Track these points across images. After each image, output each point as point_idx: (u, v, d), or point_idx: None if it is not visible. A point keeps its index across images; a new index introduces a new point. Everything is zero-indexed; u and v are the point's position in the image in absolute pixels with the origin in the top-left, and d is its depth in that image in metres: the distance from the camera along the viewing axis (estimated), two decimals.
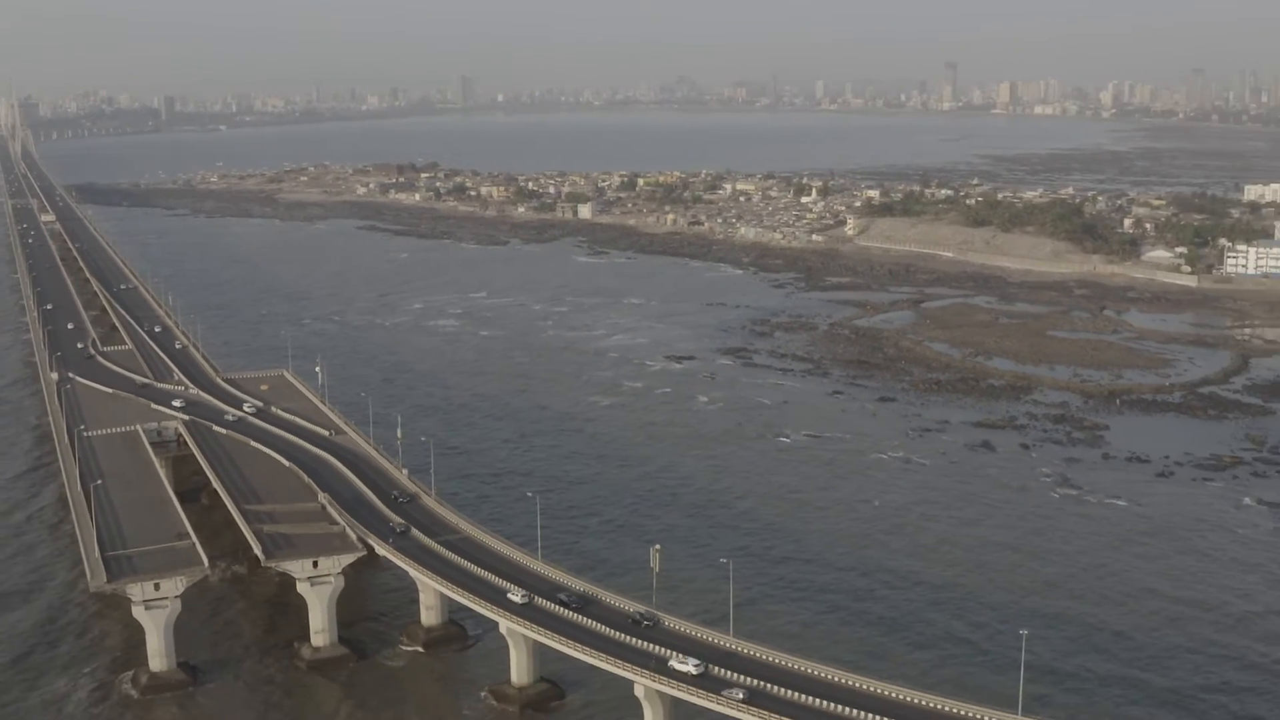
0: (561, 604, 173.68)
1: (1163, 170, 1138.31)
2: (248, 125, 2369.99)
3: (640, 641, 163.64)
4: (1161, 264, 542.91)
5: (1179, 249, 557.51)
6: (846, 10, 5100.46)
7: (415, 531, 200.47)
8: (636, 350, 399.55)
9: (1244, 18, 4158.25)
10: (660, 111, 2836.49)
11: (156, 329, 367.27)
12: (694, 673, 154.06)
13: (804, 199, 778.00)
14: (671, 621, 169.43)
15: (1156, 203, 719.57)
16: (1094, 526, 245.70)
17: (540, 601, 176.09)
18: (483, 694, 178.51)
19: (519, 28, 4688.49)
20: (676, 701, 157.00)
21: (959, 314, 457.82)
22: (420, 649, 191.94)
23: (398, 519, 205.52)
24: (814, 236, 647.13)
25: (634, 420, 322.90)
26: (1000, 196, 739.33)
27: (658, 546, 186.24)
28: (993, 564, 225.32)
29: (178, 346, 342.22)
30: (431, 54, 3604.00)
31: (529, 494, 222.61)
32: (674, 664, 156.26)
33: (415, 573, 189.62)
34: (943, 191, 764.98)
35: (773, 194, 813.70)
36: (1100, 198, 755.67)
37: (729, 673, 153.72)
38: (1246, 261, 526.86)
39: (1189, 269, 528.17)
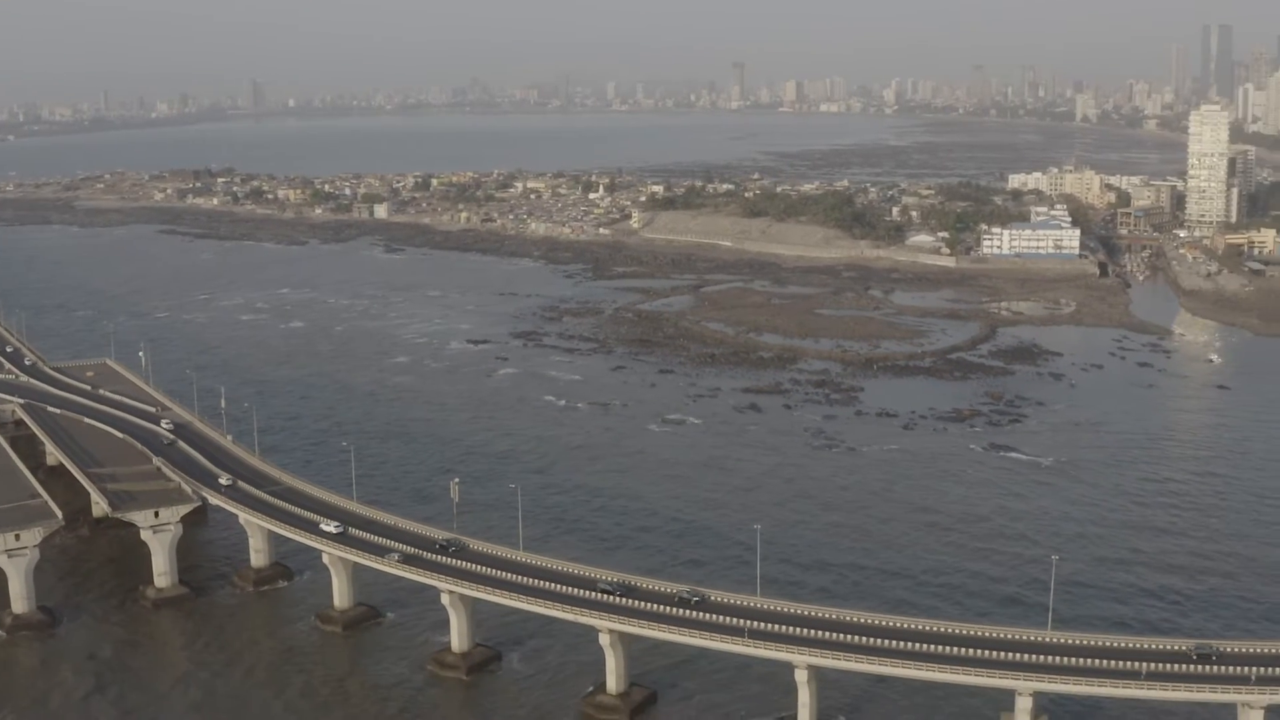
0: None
1: (938, 163, 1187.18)
2: (37, 134, 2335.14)
3: (445, 559, 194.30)
4: (924, 247, 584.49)
5: (941, 234, 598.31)
6: (636, 12, 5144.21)
7: (242, 484, 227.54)
8: (435, 336, 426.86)
9: (1023, 17, 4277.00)
10: (453, 115, 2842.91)
11: None
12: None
13: (592, 195, 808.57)
14: (474, 544, 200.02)
15: (925, 192, 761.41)
16: (841, 464, 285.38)
17: (354, 532, 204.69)
18: (311, 620, 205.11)
19: (308, 34, 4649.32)
20: (478, 603, 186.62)
21: (735, 297, 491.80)
22: (251, 587, 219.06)
23: (226, 474, 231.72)
24: (601, 230, 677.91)
25: (435, 393, 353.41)
26: (778, 189, 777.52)
27: (456, 480, 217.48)
28: (747, 492, 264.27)
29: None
30: (221, 60, 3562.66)
31: (344, 444, 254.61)
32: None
33: (244, 515, 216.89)
34: (724, 186, 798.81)
35: (562, 191, 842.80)
36: (873, 189, 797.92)
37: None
38: (1001, 243, 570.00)
39: (948, 251, 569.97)
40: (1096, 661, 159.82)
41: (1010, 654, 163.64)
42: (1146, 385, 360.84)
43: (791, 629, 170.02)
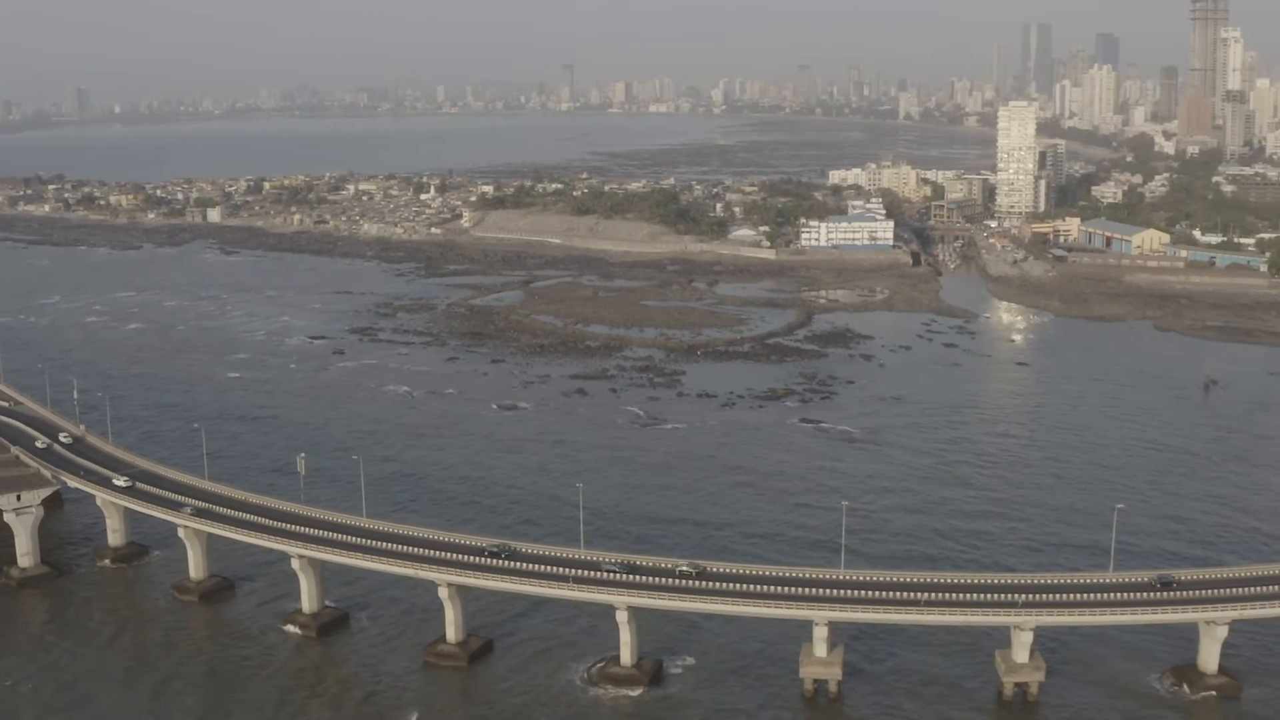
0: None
1: (763, 161, 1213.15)
2: None
3: (292, 526, 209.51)
4: (745, 241, 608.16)
5: (762, 228, 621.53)
6: (465, 14, 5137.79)
7: (100, 468, 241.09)
8: (274, 334, 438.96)
9: (849, 18, 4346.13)
10: (282, 118, 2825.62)
11: None
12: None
13: (423, 196, 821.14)
14: (314, 512, 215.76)
15: (749, 189, 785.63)
16: (664, 438, 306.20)
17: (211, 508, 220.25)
18: (168, 592, 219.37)
19: (133, 39, 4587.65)
20: (325, 566, 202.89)
21: (564, 291, 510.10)
22: (110, 564, 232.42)
23: (85, 461, 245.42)
24: (433, 230, 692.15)
25: (277, 385, 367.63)
26: (606, 188, 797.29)
27: (303, 455, 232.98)
28: (576, 461, 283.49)
29: None
30: (43, 65, 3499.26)
31: (194, 425, 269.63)
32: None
33: (101, 496, 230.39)
34: (553, 186, 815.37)
35: (394, 192, 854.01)
36: (698, 186, 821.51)
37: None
38: (819, 236, 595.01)
39: (769, 244, 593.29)
40: (884, 593, 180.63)
41: (809, 589, 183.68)
42: (951, 364, 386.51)
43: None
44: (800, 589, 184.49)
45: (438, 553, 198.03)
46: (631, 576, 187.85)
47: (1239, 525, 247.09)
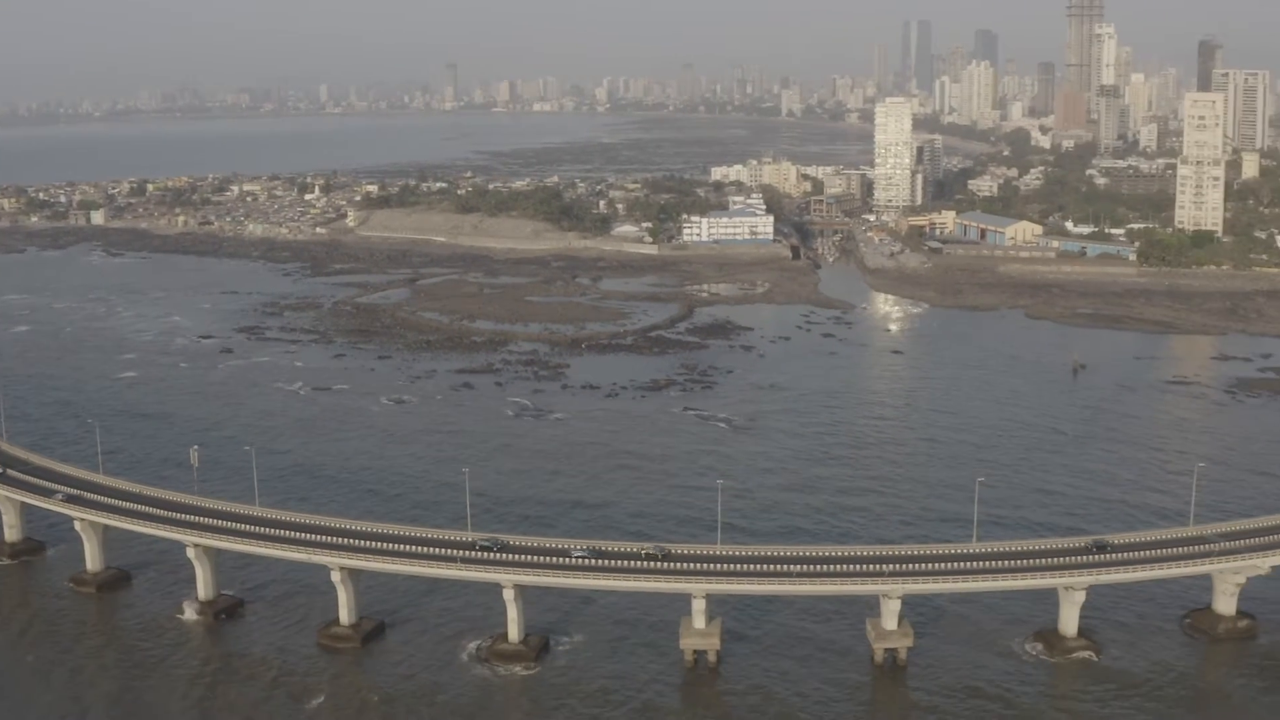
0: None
1: (647, 158, 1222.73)
2: None
3: (187, 516, 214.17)
4: (628, 237, 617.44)
5: (645, 224, 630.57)
6: (347, 14, 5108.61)
7: None
8: (162, 334, 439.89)
9: (732, 17, 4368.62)
10: (164, 120, 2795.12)
11: None
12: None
13: (308, 196, 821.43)
14: (208, 502, 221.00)
15: (632, 186, 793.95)
16: (548, 427, 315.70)
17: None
18: (65, 584, 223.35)
19: (6, 41, 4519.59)
20: (220, 554, 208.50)
21: (450, 288, 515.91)
22: (9, 560, 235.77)
23: None
24: (318, 229, 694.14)
25: (168, 383, 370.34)
26: (490, 186, 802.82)
27: (196, 447, 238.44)
28: (463, 449, 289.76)
29: None
30: None
31: (89, 421, 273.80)
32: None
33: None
34: (437, 184, 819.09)
35: (278, 193, 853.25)
36: (582, 184, 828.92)
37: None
38: (701, 231, 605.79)
39: (651, 240, 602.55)
40: (758, 566, 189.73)
41: (687, 564, 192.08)
42: (829, 353, 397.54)
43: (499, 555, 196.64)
44: (680, 564, 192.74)
45: (329, 538, 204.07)
46: (514, 556, 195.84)
47: (1104, 497, 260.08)
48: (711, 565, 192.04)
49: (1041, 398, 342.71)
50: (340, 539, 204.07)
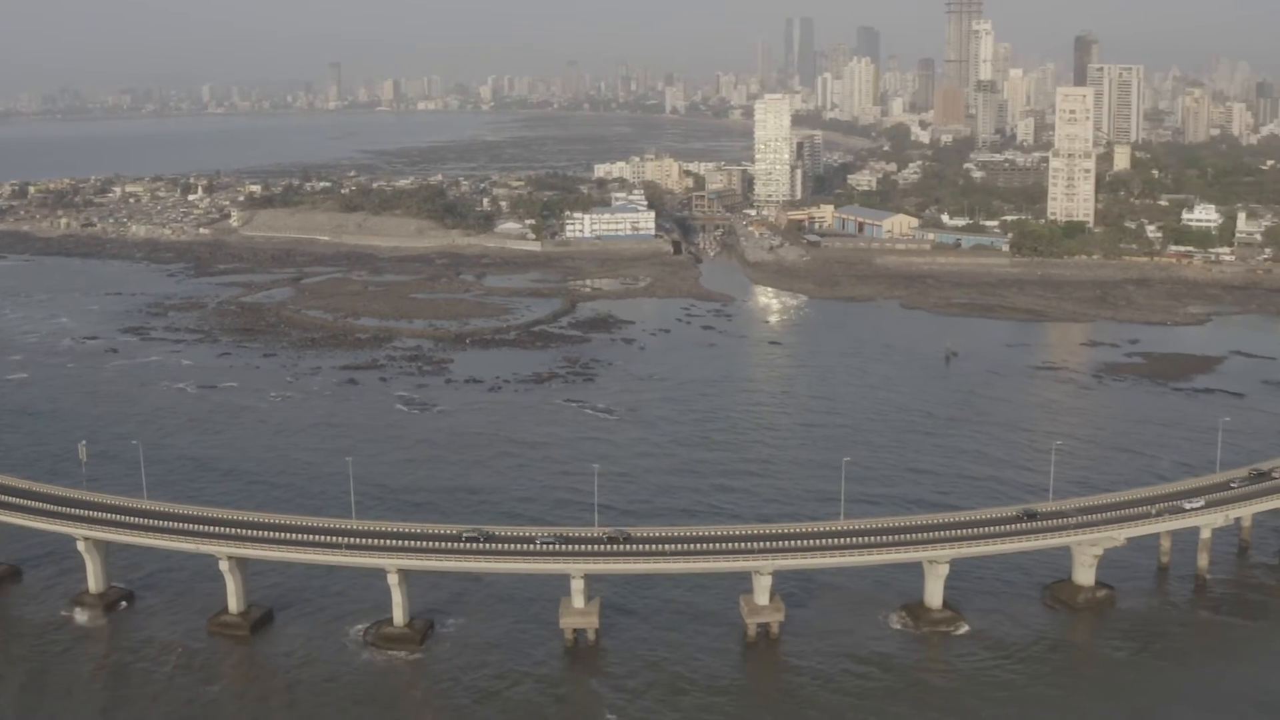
0: None
1: (531, 156, 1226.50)
2: None
3: (76, 510, 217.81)
4: (511, 234, 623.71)
5: (529, 221, 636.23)
6: (229, 14, 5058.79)
7: None
8: (47, 336, 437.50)
9: (616, 14, 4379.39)
10: (44, 122, 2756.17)
11: None
12: None
13: (191, 197, 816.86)
14: (96, 496, 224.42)
15: (516, 183, 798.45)
16: (432, 419, 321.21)
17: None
18: None
19: None
20: (110, 547, 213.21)
21: (334, 286, 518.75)
22: None
23: None
24: (202, 230, 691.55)
25: (54, 384, 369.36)
26: (374, 185, 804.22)
27: (84, 442, 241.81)
28: (347, 441, 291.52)
29: None
30: None
31: None
32: None
33: None
34: (321, 184, 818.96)
35: (161, 194, 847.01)
36: (465, 182, 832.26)
37: None
38: (583, 227, 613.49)
39: (534, 237, 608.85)
40: (635, 545, 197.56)
41: (567, 546, 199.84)
42: (708, 345, 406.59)
43: (383, 541, 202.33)
44: (560, 546, 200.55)
45: (216, 528, 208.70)
46: (396, 542, 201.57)
47: (973, 475, 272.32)
48: (590, 546, 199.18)
49: (915, 384, 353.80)
50: (227, 529, 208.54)
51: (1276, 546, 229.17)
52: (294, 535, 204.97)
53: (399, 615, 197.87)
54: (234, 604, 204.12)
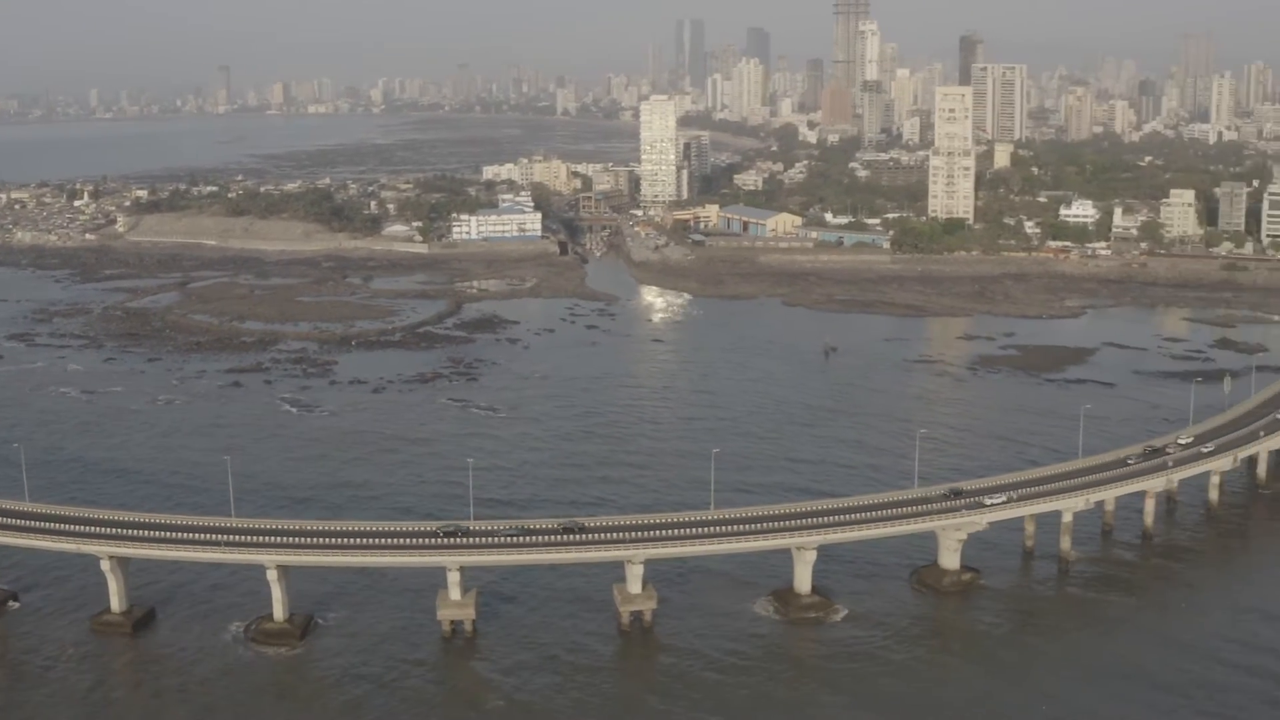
0: None
1: (421, 159, 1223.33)
2: None
3: None
4: (399, 236, 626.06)
5: (416, 223, 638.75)
6: (117, 15, 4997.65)
7: None
8: None
9: (508, 17, 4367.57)
10: None
11: None
12: None
13: (77, 203, 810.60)
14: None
15: (404, 186, 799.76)
16: (314, 421, 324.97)
17: None
18: None
19: None
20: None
21: (220, 290, 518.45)
22: None
23: None
24: (87, 236, 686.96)
25: None
26: (262, 189, 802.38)
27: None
28: (230, 442, 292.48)
29: None
30: None
31: None
32: None
33: None
34: (208, 188, 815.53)
35: (47, 200, 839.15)
36: (353, 185, 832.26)
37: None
38: (470, 229, 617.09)
39: (421, 239, 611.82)
40: (513, 538, 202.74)
41: (441, 539, 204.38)
42: (591, 343, 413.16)
43: (261, 537, 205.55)
44: (432, 540, 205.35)
45: (98, 528, 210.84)
46: (285, 539, 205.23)
47: (849, 463, 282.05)
48: (467, 539, 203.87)
49: (795, 378, 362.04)
50: (108, 529, 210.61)
51: (1139, 528, 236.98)
52: (175, 534, 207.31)
53: (279, 611, 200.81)
54: (116, 603, 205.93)
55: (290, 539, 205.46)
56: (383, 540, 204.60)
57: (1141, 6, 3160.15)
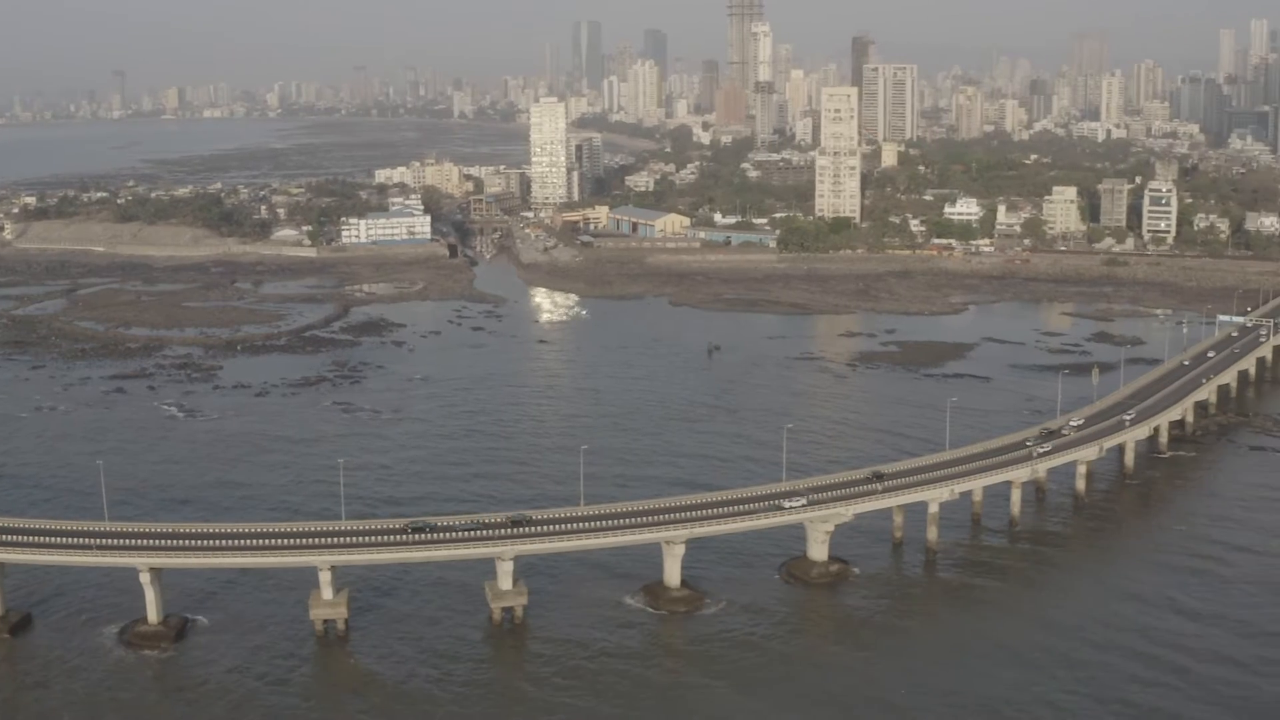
0: None
1: (315, 163, 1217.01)
2: None
3: None
4: (288, 241, 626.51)
5: (305, 227, 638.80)
6: (5, 19, 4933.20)
7: None
8: None
9: (405, 19, 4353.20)
10: None
11: None
12: None
13: None
14: None
15: (295, 190, 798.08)
16: (196, 425, 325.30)
17: None
18: None
19: None
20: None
21: (108, 297, 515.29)
22: None
23: None
24: None
25: None
26: (152, 195, 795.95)
27: None
28: (109, 450, 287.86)
29: None
30: None
31: None
32: None
33: None
34: (98, 194, 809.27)
35: None
36: (245, 189, 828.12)
37: None
38: (359, 232, 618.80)
39: (310, 243, 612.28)
40: (379, 537, 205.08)
41: (313, 539, 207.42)
42: (477, 345, 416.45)
43: (133, 541, 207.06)
44: (306, 540, 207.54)
45: None
46: (155, 542, 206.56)
47: (727, 457, 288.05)
48: (336, 538, 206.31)
49: (678, 376, 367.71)
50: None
51: (1007, 517, 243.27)
52: (48, 538, 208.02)
53: (152, 613, 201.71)
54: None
55: (162, 541, 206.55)
56: (254, 541, 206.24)
57: (1037, 8, 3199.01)
